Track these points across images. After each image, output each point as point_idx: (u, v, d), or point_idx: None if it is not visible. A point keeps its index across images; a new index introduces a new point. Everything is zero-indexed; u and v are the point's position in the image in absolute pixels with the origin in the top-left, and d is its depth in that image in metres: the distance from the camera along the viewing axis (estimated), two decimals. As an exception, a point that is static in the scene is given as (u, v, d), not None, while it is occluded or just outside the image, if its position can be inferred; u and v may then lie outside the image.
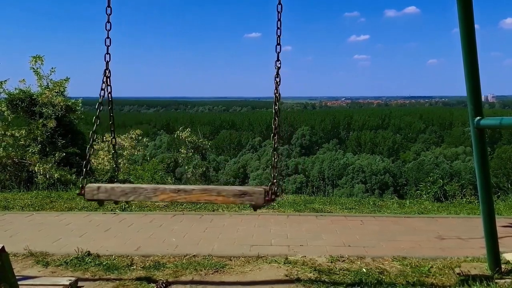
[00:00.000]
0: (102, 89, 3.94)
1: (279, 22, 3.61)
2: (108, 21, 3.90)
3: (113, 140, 4.48)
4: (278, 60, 3.60)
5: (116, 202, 4.01)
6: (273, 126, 3.55)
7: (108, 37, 3.93)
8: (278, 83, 3.59)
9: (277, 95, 3.59)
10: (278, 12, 3.61)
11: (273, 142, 3.52)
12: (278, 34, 3.62)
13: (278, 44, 3.61)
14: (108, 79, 3.96)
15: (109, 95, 4.06)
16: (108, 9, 3.89)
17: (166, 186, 3.42)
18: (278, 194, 3.36)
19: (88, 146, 3.90)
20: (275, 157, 3.55)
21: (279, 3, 3.61)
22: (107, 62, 3.93)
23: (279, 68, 3.61)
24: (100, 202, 3.73)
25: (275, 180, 3.34)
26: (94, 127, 3.94)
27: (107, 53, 3.92)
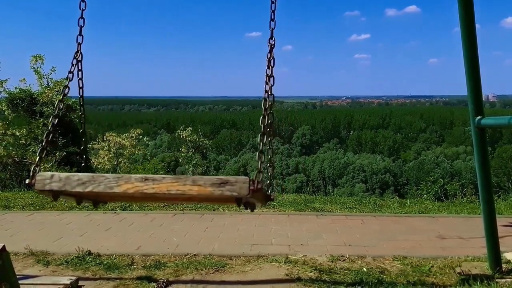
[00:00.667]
0: (70, 72, 3.62)
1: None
2: (82, 17, 3.64)
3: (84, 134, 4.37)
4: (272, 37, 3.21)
5: (79, 202, 3.37)
6: (263, 107, 3.21)
7: (82, 17, 3.64)
8: (272, 67, 3.17)
9: (270, 78, 3.22)
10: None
11: (262, 126, 3.10)
12: (272, 8, 3.26)
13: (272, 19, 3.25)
14: (79, 63, 3.65)
15: (80, 81, 3.86)
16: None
17: (132, 175, 2.88)
18: (267, 187, 2.92)
19: (47, 132, 3.58)
20: (263, 141, 3.03)
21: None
22: (79, 44, 3.62)
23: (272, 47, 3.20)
24: (55, 196, 3.11)
25: (261, 170, 2.78)
26: (56, 111, 3.65)
27: (80, 34, 3.63)
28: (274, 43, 3.19)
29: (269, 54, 3.16)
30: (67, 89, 3.64)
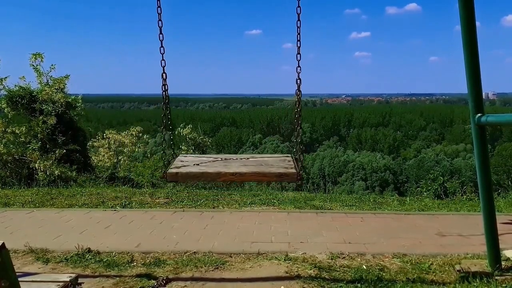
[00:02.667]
0: (163, 90, 4.42)
1: (298, 35, 3.95)
2: (161, 33, 4.14)
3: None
4: (299, 66, 3.96)
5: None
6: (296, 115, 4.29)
7: (162, 46, 4.15)
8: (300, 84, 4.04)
9: (299, 86, 4.05)
10: (298, 27, 3.93)
11: (297, 126, 4.25)
12: (298, 45, 3.95)
13: (298, 53, 3.96)
14: (164, 81, 4.35)
15: (164, 93, 4.49)
16: (160, 22, 4.13)
17: (226, 170, 3.88)
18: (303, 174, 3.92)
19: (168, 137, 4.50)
20: (299, 136, 4.21)
21: (298, 20, 3.89)
22: (163, 67, 4.23)
23: (299, 73, 3.98)
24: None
25: (301, 164, 4.02)
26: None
27: (162, 59, 4.18)
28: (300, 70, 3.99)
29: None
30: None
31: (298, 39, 3.95)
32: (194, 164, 4.16)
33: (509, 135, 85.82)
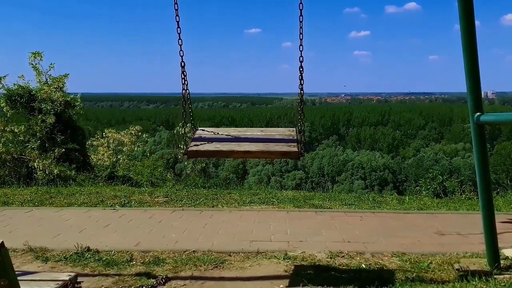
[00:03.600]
0: (183, 88, 4.44)
1: (301, 35, 4.12)
2: (178, 26, 4.24)
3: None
4: (301, 67, 4.17)
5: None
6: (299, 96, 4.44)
7: (180, 49, 4.26)
8: (302, 82, 4.30)
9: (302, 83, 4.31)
10: (300, 25, 4.08)
11: (300, 106, 4.49)
12: (301, 48, 4.14)
13: (301, 55, 4.15)
14: (185, 76, 4.39)
15: (185, 91, 4.50)
16: (177, 17, 4.21)
17: (238, 149, 4.14)
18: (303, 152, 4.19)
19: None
20: (302, 120, 4.45)
21: (301, 15, 4.03)
22: (183, 66, 4.33)
23: (302, 72, 4.22)
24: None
25: (303, 142, 4.30)
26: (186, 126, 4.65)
27: (182, 60, 4.30)
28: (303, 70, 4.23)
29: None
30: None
31: (301, 32, 4.06)
32: (209, 142, 4.36)
33: (508, 134, 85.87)
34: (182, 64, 4.31)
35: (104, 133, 16.39)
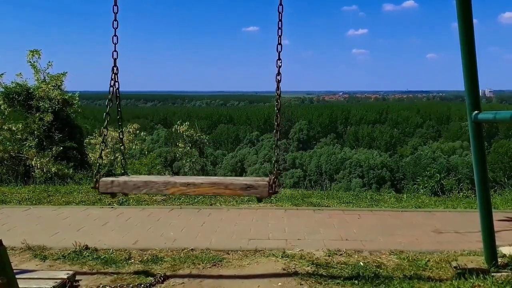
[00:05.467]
0: (111, 85, 4.07)
1: (280, 23, 3.77)
2: (115, 19, 3.99)
3: (121, 134, 4.60)
4: (279, 59, 3.74)
5: (125, 194, 4.13)
6: (275, 123, 3.69)
7: (115, 35, 4.02)
8: (279, 81, 3.72)
9: (278, 92, 3.72)
10: (279, 12, 3.76)
11: (275, 138, 3.64)
12: (279, 34, 3.76)
13: (279, 43, 3.75)
14: (116, 75, 4.08)
15: (117, 91, 4.17)
16: (115, 7, 3.98)
17: (177, 180, 3.55)
18: (279, 186, 3.54)
19: (101, 142, 4.04)
20: (277, 151, 3.63)
21: (280, 4, 3.76)
22: (115, 60, 4.05)
23: (280, 66, 3.73)
24: (113, 195, 3.88)
25: (277, 174, 3.50)
26: (105, 123, 4.07)
27: (115, 50, 4.04)
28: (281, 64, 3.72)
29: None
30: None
31: (280, 26, 3.78)
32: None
33: (506, 132, 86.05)
34: (115, 56, 4.03)
35: (101, 132, 16.39)
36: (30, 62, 12.42)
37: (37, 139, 11.66)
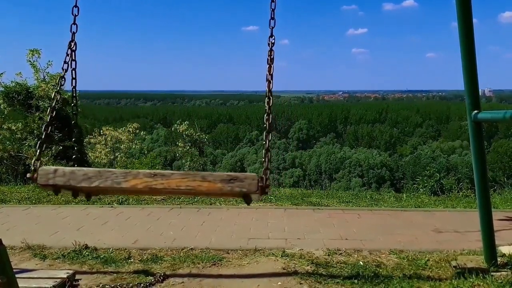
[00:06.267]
0: (65, 62, 3.57)
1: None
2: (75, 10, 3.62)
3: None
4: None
5: (75, 195, 3.21)
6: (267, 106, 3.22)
7: (76, 6, 3.61)
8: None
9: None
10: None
11: (267, 124, 3.10)
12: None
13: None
14: (73, 52, 3.59)
15: (73, 71, 3.72)
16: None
17: (141, 171, 2.89)
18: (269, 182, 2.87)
19: (45, 125, 3.43)
20: (268, 139, 3.06)
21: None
22: (73, 33, 3.59)
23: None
24: (56, 191, 3.14)
25: (268, 167, 2.86)
26: (54, 103, 3.65)
27: (74, 23, 3.59)
28: (274, 41, 3.35)
29: (269, 54, 3.31)
30: (63, 80, 3.64)
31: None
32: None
33: (505, 131, 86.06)
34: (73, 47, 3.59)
35: (101, 131, 16.38)
36: (30, 61, 12.42)
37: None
